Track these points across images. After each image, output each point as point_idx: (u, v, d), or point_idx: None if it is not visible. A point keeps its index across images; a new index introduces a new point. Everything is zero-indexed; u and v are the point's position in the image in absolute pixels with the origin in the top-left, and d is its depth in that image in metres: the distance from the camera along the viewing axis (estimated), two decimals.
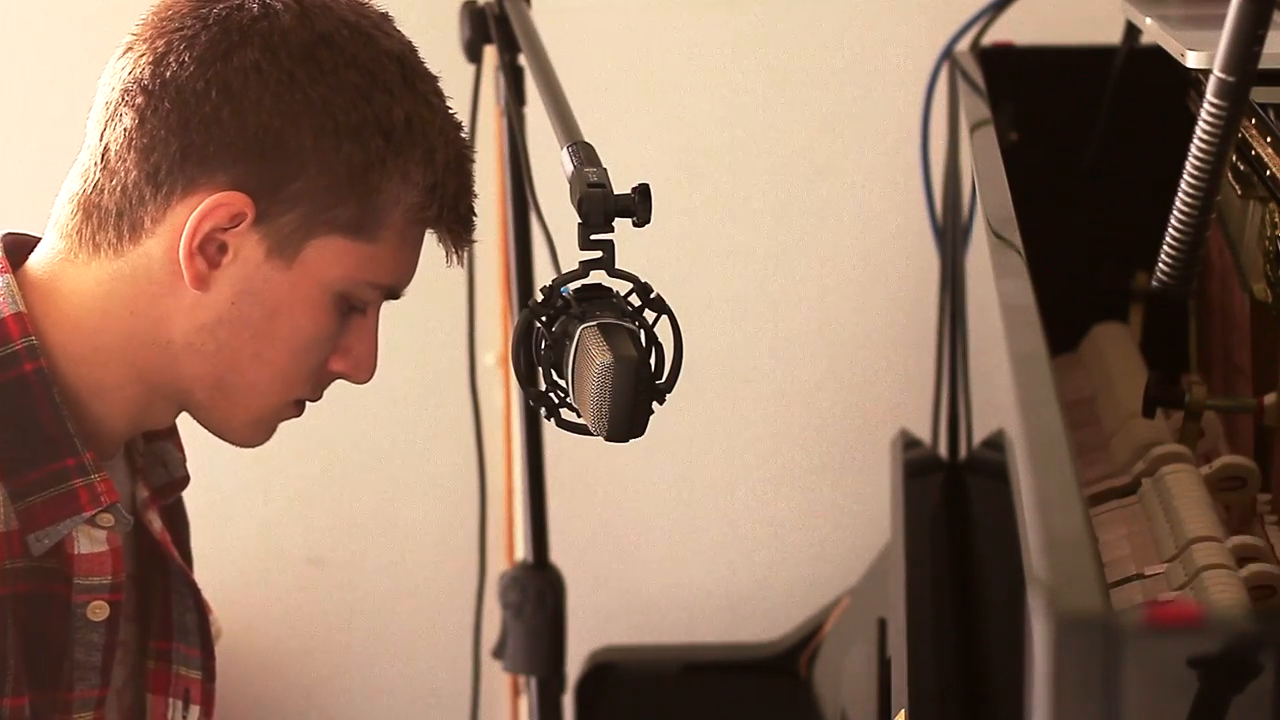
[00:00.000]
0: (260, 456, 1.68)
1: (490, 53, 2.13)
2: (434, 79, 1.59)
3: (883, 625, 1.97)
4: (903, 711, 1.69)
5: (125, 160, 1.52)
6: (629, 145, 2.72)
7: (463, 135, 1.59)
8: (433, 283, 2.77)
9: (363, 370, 1.62)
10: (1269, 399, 1.67)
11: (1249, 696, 1.04)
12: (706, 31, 2.76)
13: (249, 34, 1.51)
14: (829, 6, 2.74)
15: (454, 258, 1.62)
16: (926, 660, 1.79)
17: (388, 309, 1.59)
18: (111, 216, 1.53)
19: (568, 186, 1.54)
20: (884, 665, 1.88)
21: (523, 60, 2.02)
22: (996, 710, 1.73)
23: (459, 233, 1.60)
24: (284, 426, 2.94)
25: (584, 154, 1.56)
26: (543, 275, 2.14)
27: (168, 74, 1.51)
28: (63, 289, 1.55)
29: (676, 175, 2.77)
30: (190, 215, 1.50)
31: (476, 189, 1.61)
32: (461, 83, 2.20)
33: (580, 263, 1.50)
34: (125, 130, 1.52)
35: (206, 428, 1.64)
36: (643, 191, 1.50)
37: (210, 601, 1.79)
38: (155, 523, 1.64)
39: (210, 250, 1.51)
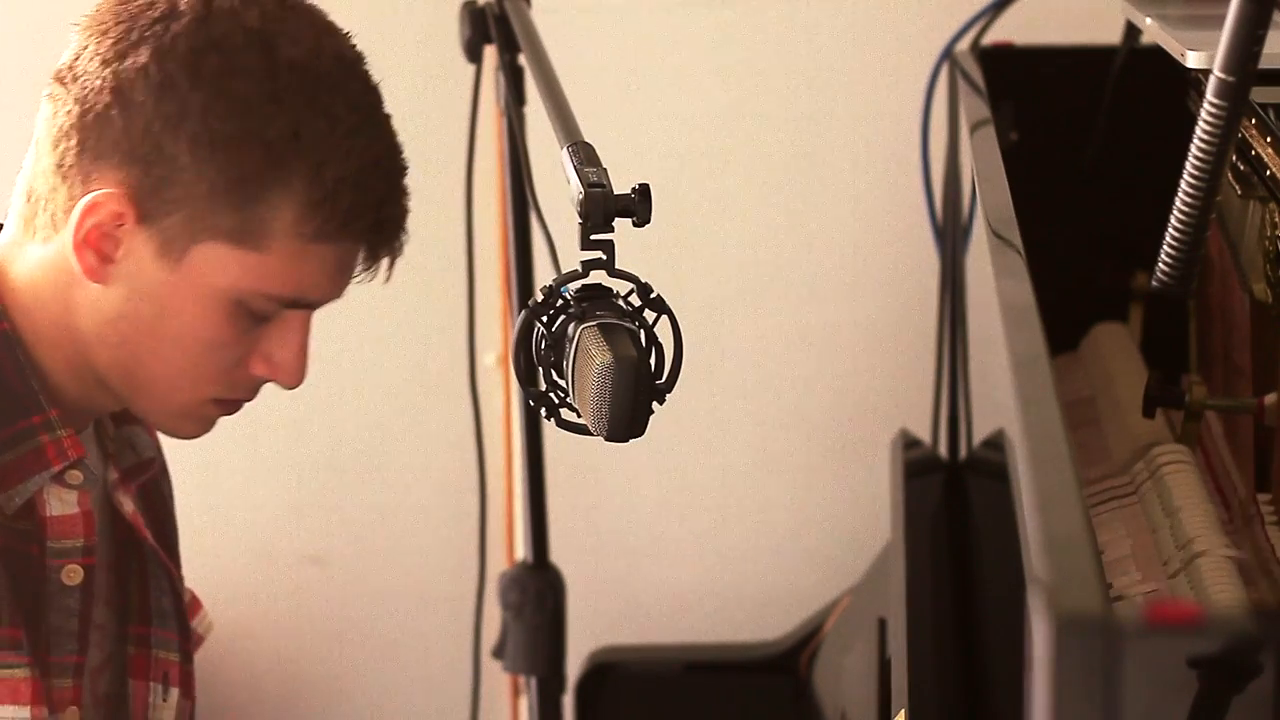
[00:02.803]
0: (260, 456, 1.69)
1: (490, 53, 2.13)
2: (357, 90, 1.56)
3: (883, 625, 1.97)
4: (903, 711, 1.69)
5: (43, 149, 1.56)
6: (629, 145, 2.72)
7: (379, 147, 1.56)
8: (433, 283, 2.78)
9: (286, 376, 1.60)
10: (1269, 399, 1.67)
11: (1249, 696, 1.04)
12: (706, 31, 2.76)
13: (145, 36, 1.52)
14: (829, 6, 2.74)
15: (375, 274, 1.60)
16: (926, 660, 1.79)
17: (388, 308, 1.59)
18: (41, 203, 1.57)
19: (568, 186, 1.54)
20: (884, 665, 1.88)
21: (523, 60, 2.02)
22: (996, 710, 1.73)
23: (370, 250, 1.57)
24: (284, 426, 2.95)
25: (584, 154, 1.56)
26: (543, 275, 2.14)
27: (79, 69, 1.54)
28: (13, 269, 1.59)
29: (676, 175, 2.77)
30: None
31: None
32: (461, 83, 2.21)
33: (580, 263, 1.50)
34: (45, 120, 1.56)
35: (138, 416, 1.66)
36: (643, 191, 1.50)
37: (210, 601, 1.79)
38: (126, 505, 1.67)
39: (104, 246, 1.53)
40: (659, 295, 1.51)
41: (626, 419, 1.44)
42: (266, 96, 1.51)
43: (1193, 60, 1.73)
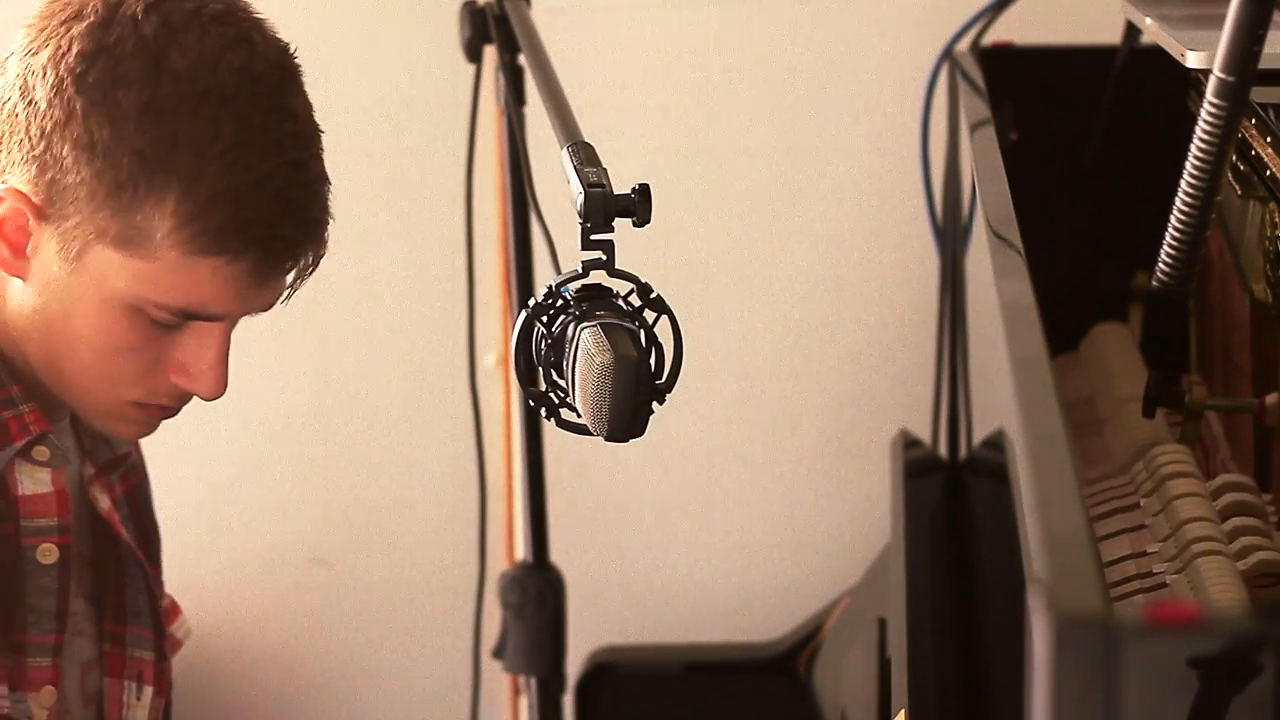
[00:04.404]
0: (260, 457, 1.69)
1: (490, 53, 2.13)
2: (257, 106, 1.52)
3: (883, 625, 1.97)
4: (903, 711, 1.69)
5: None
6: (629, 145, 2.72)
7: (269, 164, 1.52)
8: (433, 283, 2.78)
9: (201, 387, 1.58)
10: (1270, 399, 1.67)
11: (1249, 696, 1.04)
12: (706, 31, 2.76)
13: (51, 36, 1.53)
14: (829, 6, 2.74)
15: (280, 295, 1.57)
16: (926, 660, 1.79)
17: (388, 308, 1.59)
18: None
19: (568, 186, 1.54)
20: (884, 665, 1.88)
21: (523, 60, 2.02)
22: (996, 710, 1.73)
23: (258, 268, 1.53)
24: (285, 426, 2.94)
25: (584, 154, 1.56)
26: (543, 275, 2.14)
27: (5, 63, 1.56)
28: None
29: (676, 175, 2.77)
30: None
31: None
32: (461, 83, 2.21)
33: (580, 263, 1.50)
34: None
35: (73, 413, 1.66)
36: (643, 191, 1.50)
37: (210, 601, 1.79)
38: (102, 500, 1.67)
39: (14, 239, 1.54)
40: (659, 295, 1.51)
41: (626, 419, 1.44)
42: (144, 106, 1.49)
43: (1193, 60, 1.73)
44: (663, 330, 1.50)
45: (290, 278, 1.57)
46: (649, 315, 1.50)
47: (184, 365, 1.57)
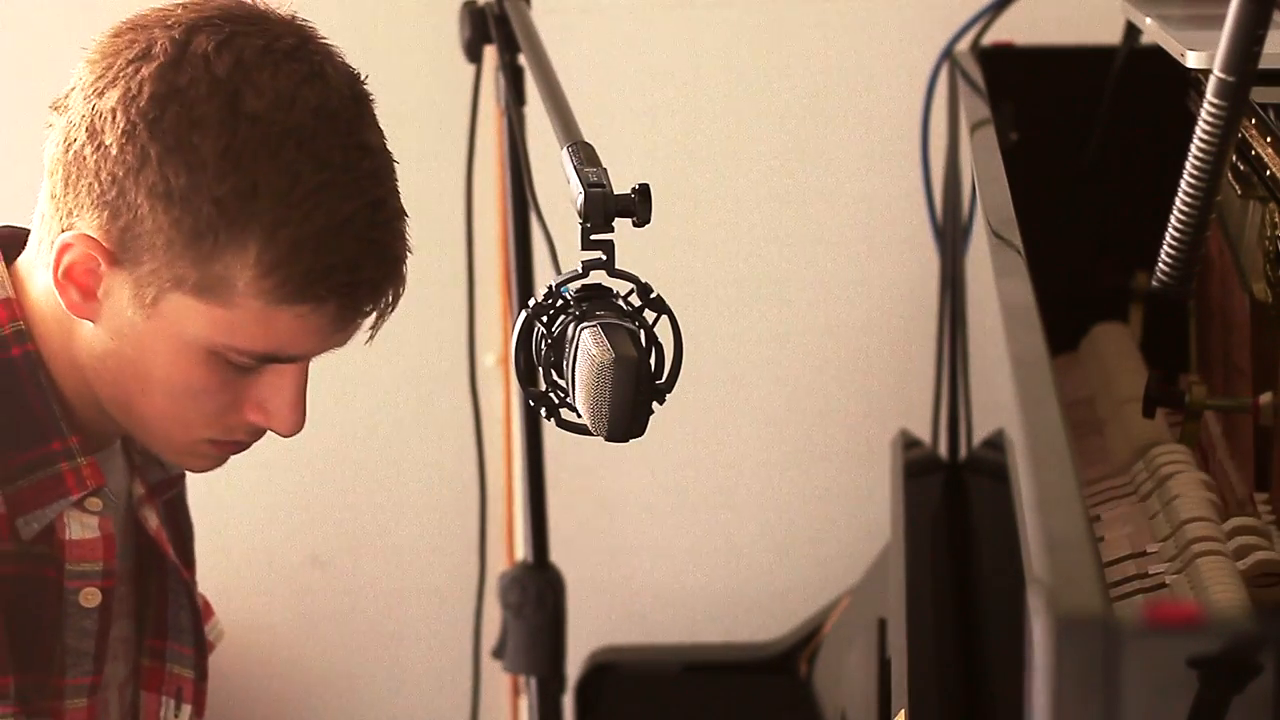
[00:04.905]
0: (260, 457, 1.68)
1: (490, 53, 2.13)
2: (334, 144, 1.48)
3: (883, 625, 1.97)
4: (903, 711, 1.69)
5: (44, 176, 1.52)
6: (629, 145, 2.72)
7: (351, 206, 1.47)
8: (433, 283, 2.78)
9: (280, 424, 1.55)
10: (1264, 398, 1.67)
11: (1249, 696, 1.04)
12: (706, 31, 2.76)
13: (119, 76, 1.47)
14: (829, 6, 2.74)
15: (355, 334, 1.54)
16: (926, 660, 1.79)
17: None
18: (45, 228, 1.53)
19: (568, 186, 1.53)
20: (884, 665, 1.88)
21: (523, 60, 2.02)
22: (996, 710, 1.73)
23: (340, 312, 1.50)
24: None
25: (584, 154, 1.56)
26: (543, 275, 2.14)
27: (70, 101, 1.50)
28: (32, 291, 1.56)
29: (676, 175, 2.77)
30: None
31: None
32: (461, 83, 2.21)
33: (580, 263, 1.50)
34: (47, 145, 1.52)
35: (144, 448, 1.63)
36: (643, 191, 1.50)
37: (210, 601, 1.79)
38: (151, 520, 1.65)
39: (85, 282, 1.49)
40: (659, 295, 1.50)
41: (626, 419, 1.44)
42: (222, 151, 1.44)
43: (1193, 60, 1.73)
44: (663, 330, 1.50)
45: (371, 320, 1.54)
46: (649, 315, 1.50)
47: (261, 404, 1.54)
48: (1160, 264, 1.49)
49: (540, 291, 1.51)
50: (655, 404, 1.46)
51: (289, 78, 1.48)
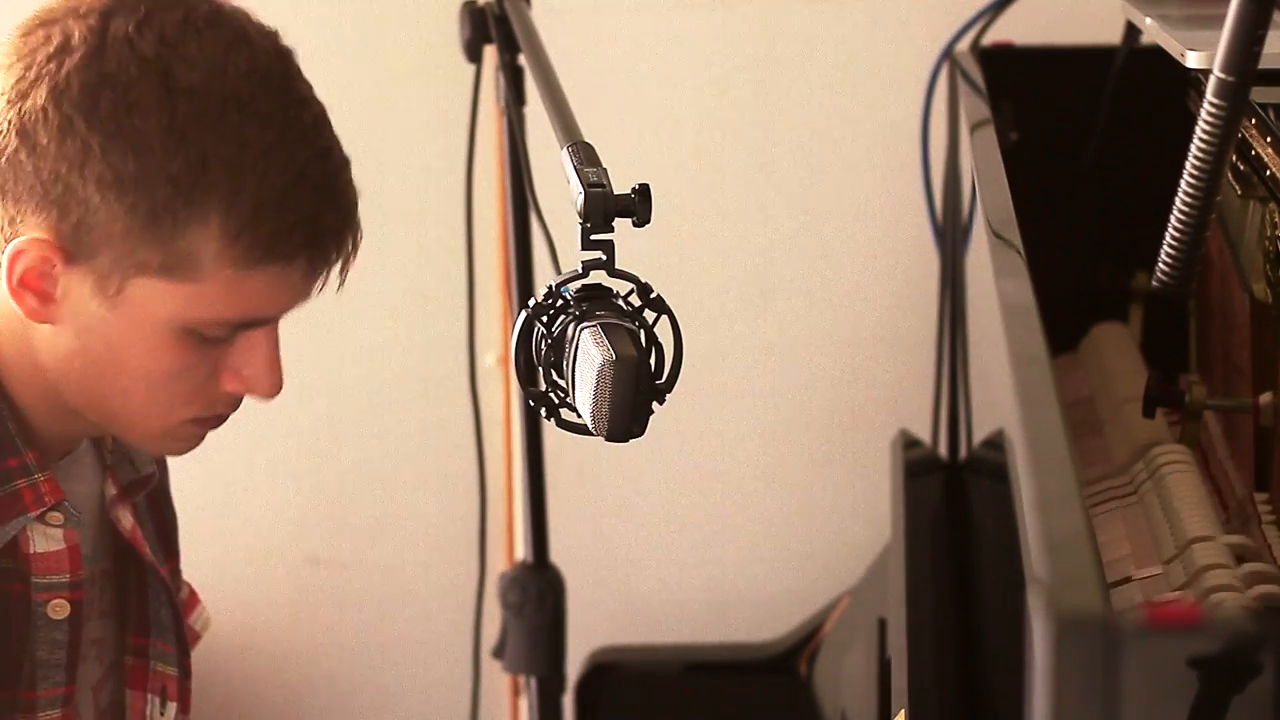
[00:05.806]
0: (260, 458, 1.68)
1: (490, 53, 2.13)
2: (271, 102, 1.47)
3: (883, 625, 1.97)
4: (903, 711, 1.69)
5: None
6: (629, 145, 2.72)
7: (301, 158, 1.48)
8: (433, 283, 2.78)
9: (260, 388, 1.54)
10: (1264, 398, 1.67)
11: (1249, 696, 1.04)
12: (706, 32, 2.76)
13: (42, 73, 1.46)
14: (828, 7, 2.74)
15: (323, 284, 1.53)
16: (926, 660, 1.79)
17: (388, 308, 1.58)
18: None
19: (568, 186, 1.53)
20: (884, 665, 1.88)
21: (523, 60, 2.02)
22: (996, 710, 1.73)
23: (310, 264, 1.50)
24: (285, 427, 2.94)
25: (584, 154, 1.56)
26: (543, 275, 2.14)
27: None
28: None
29: (676, 175, 2.77)
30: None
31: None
32: (461, 83, 2.21)
33: (580, 263, 1.50)
34: None
35: (122, 441, 1.63)
36: (643, 191, 1.50)
37: (210, 603, 1.79)
38: (125, 520, 1.65)
39: (41, 286, 1.48)
40: (659, 295, 1.50)
41: (626, 419, 1.44)
42: (166, 129, 1.44)
43: (1193, 60, 1.73)
44: (663, 330, 1.50)
45: (337, 268, 1.54)
46: (649, 315, 1.50)
47: (238, 372, 1.53)
48: (1160, 264, 1.49)
49: (540, 291, 1.51)
50: (655, 404, 1.46)
51: (215, 45, 1.47)
